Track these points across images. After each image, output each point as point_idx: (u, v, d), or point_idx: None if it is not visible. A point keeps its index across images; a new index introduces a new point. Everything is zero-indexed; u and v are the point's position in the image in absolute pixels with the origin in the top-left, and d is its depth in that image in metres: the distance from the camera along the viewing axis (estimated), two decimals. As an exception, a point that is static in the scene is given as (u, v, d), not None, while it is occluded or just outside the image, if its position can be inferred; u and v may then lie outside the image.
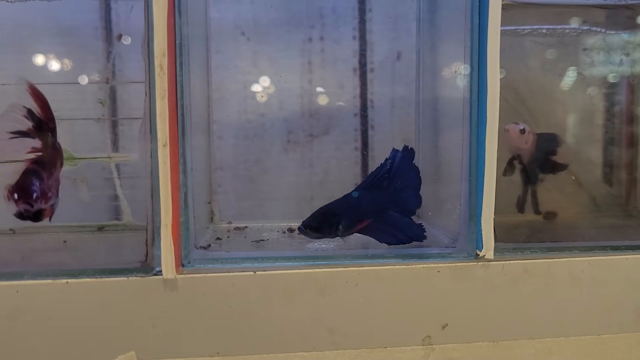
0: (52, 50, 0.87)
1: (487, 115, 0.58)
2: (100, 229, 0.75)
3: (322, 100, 0.93)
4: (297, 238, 0.72)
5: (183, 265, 0.57)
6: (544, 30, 0.80)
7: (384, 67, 0.93)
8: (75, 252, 0.66)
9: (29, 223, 0.73)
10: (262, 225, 0.79)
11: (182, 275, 0.56)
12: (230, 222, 0.82)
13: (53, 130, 0.64)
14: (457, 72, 0.74)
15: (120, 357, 0.56)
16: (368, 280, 0.59)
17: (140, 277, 0.56)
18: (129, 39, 0.82)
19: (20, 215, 0.57)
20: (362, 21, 0.93)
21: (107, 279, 0.56)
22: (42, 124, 0.64)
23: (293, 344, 0.59)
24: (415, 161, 0.68)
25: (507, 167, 0.78)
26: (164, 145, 0.54)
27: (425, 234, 0.67)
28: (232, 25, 0.91)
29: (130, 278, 0.56)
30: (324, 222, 0.63)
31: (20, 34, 0.86)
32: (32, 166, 0.59)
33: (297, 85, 0.93)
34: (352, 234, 0.66)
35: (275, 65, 0.93)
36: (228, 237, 0.73)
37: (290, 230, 0.75)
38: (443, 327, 0.61)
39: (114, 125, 0.87)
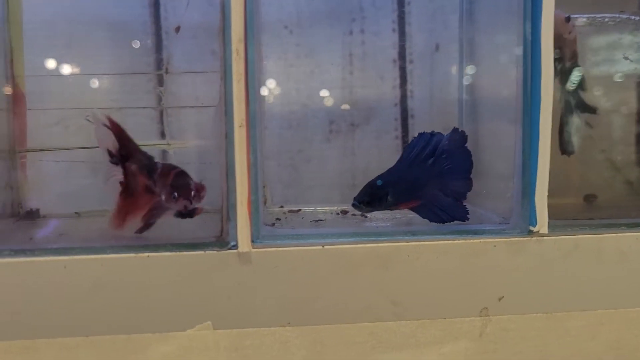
0: (103, 43, 0.90)
1: (542, 97, 0.61)
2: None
3: (363, 91, 0.96)
4: (351, 218, 0.75)
5: (254, 241, 0.60)
6: (584, 19, 0.83)
7: (422, 58, 0.96)
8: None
9: (91, 206, 0.77)
10: (314, 209, 0.82)
11: (256, 249, 0.59)
12: (282, 206, 0.85)
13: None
14: (498, 61, 0.78)
15: (197, 326, 0.59)
16: (428, 254, 0.62)
17: (216, 250, 0.59)
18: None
19: (180, 214, 0.61)
20: (401, 14, 0.96)
21: (185, 253, 0.59)
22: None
23: (358, 315, 0.62)
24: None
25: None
26: (240, 126, 0.57)
27: (468, 215, 0.69)
28: (275, 18, 0.94)
29: (206, 252, 0.59)
30: (374, 196, 0.66)
31: (72, 29, 0.89)
32: (178, 169, 0.63)
33: (338, 77, 0.96)
34: (399, 208, 0.69)
35: (316, 57, 0.96)
36: (286, 218, 0.76)
37: (344, 212, 0.78)
38: (499, 299, 0.64)
39: (161, 115, 0.91)
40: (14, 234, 0.70)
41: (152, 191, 0.65)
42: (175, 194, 0.61)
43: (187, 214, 0.62)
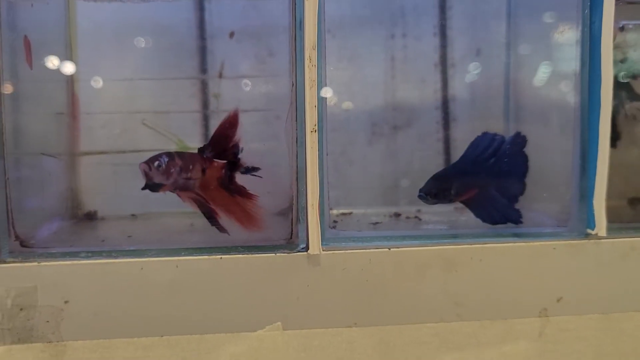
0: (150, 47, 0.91)
1: (602, 102, 0.63)
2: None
3: (405, 94, 0.97)
4: (405, 221, 0.77)
5: (323, 244, 0.62)
6: (630, 26, 0.84)
7: (464, 62, 0.97)
8: (207, 233, 0.70)
9: (148, 208, 0.78)
10: (365, 211, 0.84)
11: (325, 252, 0.61)
12: (331, 209, 0.86)
13: None
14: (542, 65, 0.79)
15: (267, 327, 0.61)
16: (490, 256, 0.64)
17: (286, 253, 0.61)
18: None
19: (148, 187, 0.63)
20: (443, 18, 0.97)
21: (256, 255, 0.60)
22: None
23: (422, 315, 0.63)
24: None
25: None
26: (312, 132, 0.59)
27: (521, 218, 0.71)
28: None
29: (277, 254, 0.60)
30: (439, 188, 0.67)
31: (119, 33, 0.90)
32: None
33: (380, 80, 0.97)
34: (460, 201, 0.71)
35: (359, 61, 0.98)
36: (342, 220, 0.77)
37: (397, 214, 0.79)
38: (558, 300, 0.65)
39: (205, 118, 0.92)
40: (79, 235, 0.71)
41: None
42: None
43: (153, 186, 0.63)
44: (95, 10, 0.86)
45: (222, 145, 0.67)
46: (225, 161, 0.67)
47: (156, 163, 0.61)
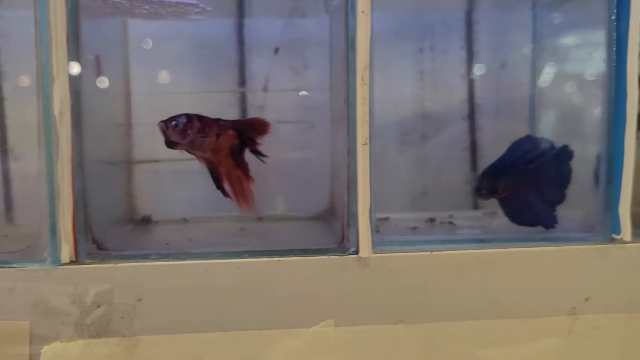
0: (191, 62, 0.97)
1: (627, 112, 0.68)
2: (259, 219, 0.85)
3: (433, 105, 1.03)
4: (440, 226, 0.82)
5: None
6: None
7: (489, 74, 1.03)
8: (258, 237, 0.76)
9: (198, 212, 0.84)
10: (400, 216, 0.89)
11: (374, 255, 0.66)
12: (367, 214, 0.91)
13: None
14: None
15: (320, 323, 0.66)
16: (524, 259, 0.69)
17: (339, 255, 0.66)
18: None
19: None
20: (469, 33, 1.03)
21: (311, 258, 0.66)
22: None
23: (463, 313, 0.68)
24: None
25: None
26: (364, 144, 0.64)
27: (556, 223, 0.76)
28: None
29: (330, 257, 0.66)
30: (493, 183, 0.73)
31: (161, 48, 0.96)
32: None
33: (409, 92, 1.03)
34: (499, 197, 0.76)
35: (389, 73, 1.03)
36: (382, 225, 0.83)
37: (432, 219, 0.84)
38: (586, 300, 0.70)
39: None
40: (143, 239, 0.77)
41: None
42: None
43: (169, 143, 0.69)
44: (145, 27, 0.91)
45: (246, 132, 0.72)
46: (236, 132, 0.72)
47: (173, 123, 0.67)
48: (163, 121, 0.67)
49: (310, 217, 0.88)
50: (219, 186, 0.71)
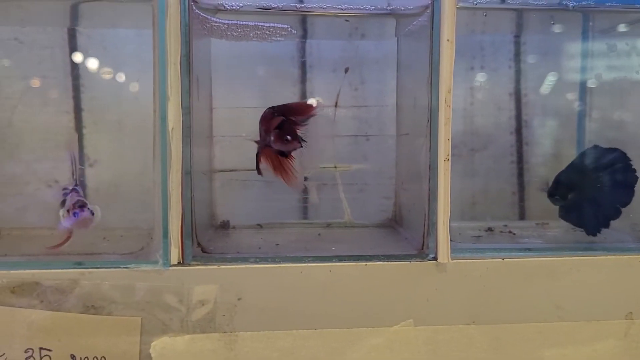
0: (256, 78, 1.04)
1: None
2: (328, 225, 0.92)
3: (482, 120, 1.09)
4: (499, 235, 0.89)
5: (448, 254, 0.74)
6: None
7: (536, 91, 1.10)
8: (335, 242, 0.82)
9: (273, 219, 0.90)
10: (459, 225, 0.95)
11: (452, 261, 0.72)
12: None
13: None
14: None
15: (401, 323, 0.73)
16: (586, 267, 0.75)
17: (419, 261, 0.72)
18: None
19: (283, 153, 0.76)
20: (517, 53, 1.09)
21: (394, 263, 0.72)
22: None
23: (529, 316, 0.75)
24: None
25: None
26: (445, 160, 0.71)
27: (598, 233, 0.82)
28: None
29: (411, 262, 0.72)
30: (565, 189, 0.79)
31: (231, 66, 1.02)
32: (281, 117, 0.76)
33: (460, 107, 1.09)
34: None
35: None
36: (446, 233, 0.89)
37: (490, 229, 0.91)
38: (641, 305, 0.77)
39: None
40: (227, 242, 0.83)
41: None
42: (288, 137, 0.74)
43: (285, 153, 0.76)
44: (222, 47, 0.98)
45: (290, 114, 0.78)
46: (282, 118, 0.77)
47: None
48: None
49: (376, 224, 0.94)
50: (257, 165, 0.78)
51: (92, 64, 0.98)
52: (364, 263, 0.71)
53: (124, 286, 0.68)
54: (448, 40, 0.70)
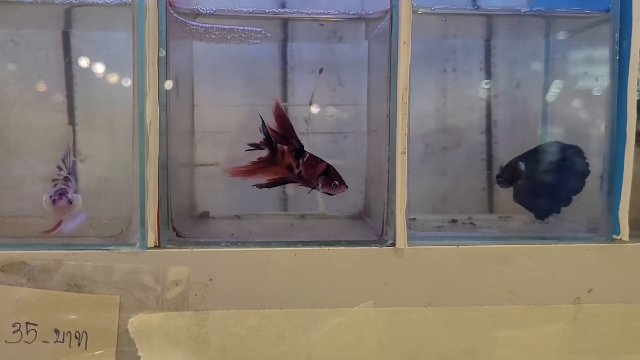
0: (237, 78, 1.10)
1: (627, 130, 0.80)
2: (302, 217, 0.98)
3: (454, 120, 1.15)
4: (461, 226, 0.94)
5: (404, 241, 0.79)
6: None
7: (505, 93, 1.15)
8: (306, 231, 0.88)
9: (252, 211, 0.96)
10: (425, 217, 1.01)
11: (408, 247, 0.78)
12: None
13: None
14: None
15: (362, 304, 0.78)
16: (536, 254, 0.80)
17: (378, 247, 0.78)
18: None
19: (329, 194, 0.84)
20: (488, 56, 1.15)
21: (355, 248, 0.78)
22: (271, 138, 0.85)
23: (482, 299, 0.80)
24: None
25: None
26: (402, 153, 0.77)
27: (546, 217, 0.88)
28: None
29: (371, 247, 0.78)
30: (514, 175, 0.85)
31: (213, 65, 1.08)
32: (325, 162, 0.84)
33: (433, 108, 1.15)
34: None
35: (415, 91, 1.15)
36: (411, 223, 0.94)
37: (454, 220, 0.96)
38: (589, 291, 0.82)
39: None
40: (205, 230, 0.89)
41: (292, 170, 0.84)
42: (336, 182, 0.82)
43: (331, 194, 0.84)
44: (205, 49, 1.04)
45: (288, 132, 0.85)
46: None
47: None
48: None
49: (347, 216, 1.00)
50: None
51: (85, 64, 1.05)
52: (327, 248, 0.77)
53: (104, 267, 0.74)
54: (405, 42, 0.75)
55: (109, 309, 0.74)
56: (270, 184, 0.83)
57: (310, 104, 1.01)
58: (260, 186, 0.83)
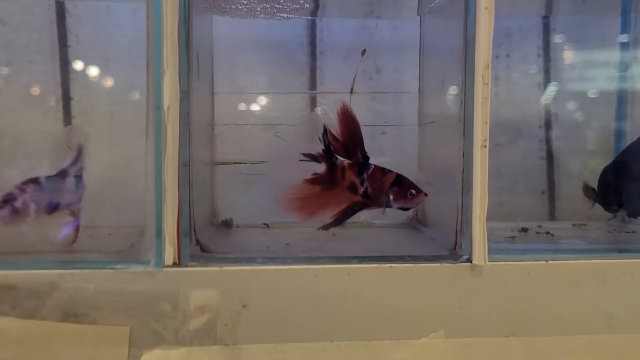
0: (261, 63, 0.95)
1: None
2: (343, 225, 0.82)
3: (508, 113, 1.00)
4: (535, 236, 0.79)
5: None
6: None
7: (568, 82, 1.00)
8: (353, 242, 0.73)
9: (281, 218, 0.81)
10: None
11: (488, 263, 0.63)
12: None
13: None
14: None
15: (431, 335, 0.63)
16: (638, 271, 0.66)
17: (451, 263, 0.63)
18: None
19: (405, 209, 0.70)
20: (547, 39, 1.00)
21: (422, 265, 0.62)
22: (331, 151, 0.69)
23: (575, 327, 0.65)
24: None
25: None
26: (482, 147, 0.61)
27: None
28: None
29: (442, 264, 0.63)
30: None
31: (234, 48, 0.93)
32: (393, 172, 0.69)
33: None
34: None
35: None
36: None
37: (524, 229, 0.81)
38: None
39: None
40: (224, 241, 0.74)
41: (356, 190, 0.69)
42: (412, 191, 0.66)
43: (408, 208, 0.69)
44: (226, 26, 0.88)
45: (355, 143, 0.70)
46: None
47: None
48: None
49: (396, 224, 0.85)
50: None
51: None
52: (388, 265, 0.62)
53: (109, 290, 0.59)
54: (486, 8, 0.60)
55: (117, 344, 0.58)
56: (338, 221, 0.68)
57: (351, 91, 0.85)
58: (327, 227, 0.68)
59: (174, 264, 0.60)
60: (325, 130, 0.67)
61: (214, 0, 0.71)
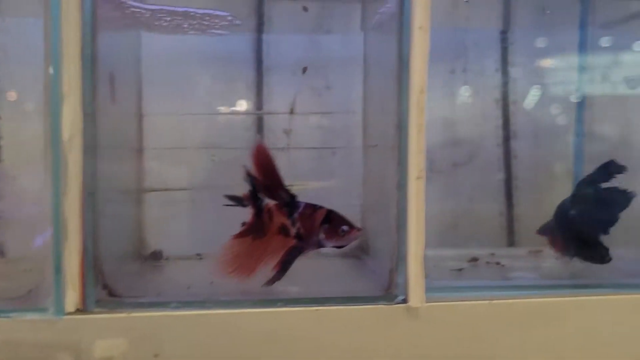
0: (206, 80, 0.89)
1: None
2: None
3: (465, 130, 0.95)
4: (485, 266, 0.74)
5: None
6: None
7: (526, 97, 0.96)
8: (289, 276, 0.67)
9: (216, 246, 0.75)
10: (435, 252, 0.80)
11: (426, 304, 0.58)
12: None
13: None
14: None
15: (364, 383, 0.57)
16: (593, 308, 0.61)
17: (385, 304, 0.58)
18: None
19: (339, 246, 0.63)
20: (504, 54, 0.96)
21: (354, 307, 0.57)
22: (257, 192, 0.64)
23: (523, 372, 0.60)
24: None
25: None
26: (418, 178, 0.56)
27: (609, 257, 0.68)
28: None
29: (376, 306, 0.57)
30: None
31: (175, 65, 0.87)
32: (324, 207, 0.63)
33: (439, 115, 0.95)
34: None
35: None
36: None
37: (474, 259, 0.76)
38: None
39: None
40: (153, 279, 0.68)
41: (288, 232, 0.63)
42: (344, 228, 0.61)
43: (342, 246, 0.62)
44: (159, 42, 0.82)
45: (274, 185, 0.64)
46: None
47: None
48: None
49: (339, 253, 0.79)
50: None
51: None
52: (315, 308, 0.56)
53: (4, 341, 0.52)
54: (420, 28, 0.55)
55: (11, 401, 0.52)
56: (280, 272, 0.61)
57: (291, 112, 0.80)
58: (271, 282, 0.61)
59: (77, 311, 0.54)
60: (248, 174, 0.61)
61: (133, 15, 0.64)
